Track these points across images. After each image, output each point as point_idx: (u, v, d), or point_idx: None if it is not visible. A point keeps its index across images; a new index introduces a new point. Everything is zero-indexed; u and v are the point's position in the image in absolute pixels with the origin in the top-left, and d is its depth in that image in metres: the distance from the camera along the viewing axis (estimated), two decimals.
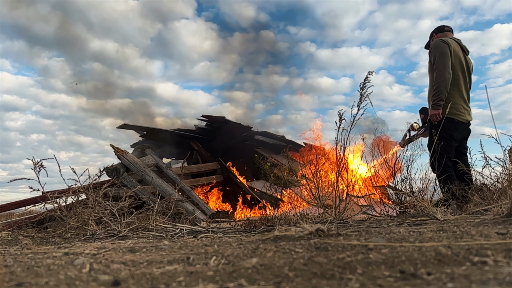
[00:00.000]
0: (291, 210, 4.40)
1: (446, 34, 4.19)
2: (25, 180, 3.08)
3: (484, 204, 2.84)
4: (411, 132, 5.30)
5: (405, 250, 1.30)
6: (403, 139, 5.16)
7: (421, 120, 5.49)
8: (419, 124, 5.26)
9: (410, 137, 5.21)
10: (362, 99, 3.29)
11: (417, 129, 5.21)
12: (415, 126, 5.21)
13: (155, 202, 3.48)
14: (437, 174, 3.81)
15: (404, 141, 5.09)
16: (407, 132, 5.29)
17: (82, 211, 3.04)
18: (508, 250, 1.20)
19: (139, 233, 2.69)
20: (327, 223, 2.68)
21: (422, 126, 5.13)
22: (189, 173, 6.21)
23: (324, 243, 1.53)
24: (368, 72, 3.31)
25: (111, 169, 4.87)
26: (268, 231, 2.38)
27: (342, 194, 3.50)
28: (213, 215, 4.66)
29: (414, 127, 5.21)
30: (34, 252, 1.81)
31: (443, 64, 3.90)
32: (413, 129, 5.23)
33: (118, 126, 7.09)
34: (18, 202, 4.96)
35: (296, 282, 1.00)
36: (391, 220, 2.82)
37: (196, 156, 7.12)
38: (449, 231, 1.76)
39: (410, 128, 5.25)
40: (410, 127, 5.25)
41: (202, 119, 7.46)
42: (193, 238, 2.34)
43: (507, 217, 2.03)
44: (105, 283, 1.05)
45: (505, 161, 2.99)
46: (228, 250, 1.56)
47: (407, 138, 5.19)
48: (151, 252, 1.66)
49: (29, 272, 1.21)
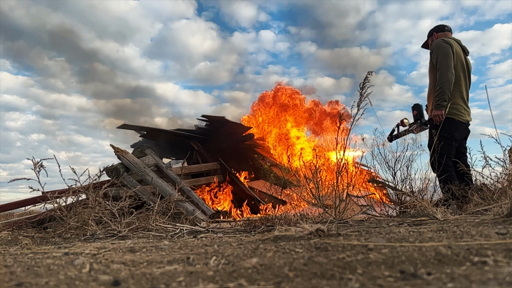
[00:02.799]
0: (291, 210, 4.40)
1: (446, 34, 4.19)
2: (25, 180, 3.08)
3: (484, 204, 2.84)
4: (400, 127, 5.25)
5: (405, 250, 1.30)
6: (390, 134, 5.11)
7: (414, 116, 5.44)
8: (409, 120, 5.22)
9: (398, 133, 5.16)
10: (362, 99, 3.29)
11: (407, 125, 5.16)
12: (405, 122, 5.16)
13: (155, 202, 3.48)
14: (437, 174, 3.81)
15: (391, 136, 5.04)
16: (396, 127, 5.24)
17: (82, 211, 3.04)
18: (508, 250, 1.20)
19: (139, 233, 2.69)
20: (327, 223, 2.68)
21: (414, 122, 5.09)
22: (189, 173, 6.21)
23: (324, 243, 1.53)
24: (367, 72, 3.31)
25: (111, 169, 4.87)
26: (268, 231, 2.38)
27: (342, 194, 3.50)
28: (213, 215, 4.66)
29: (404, 122, 5.16)
30: (34, 252, 1.81)
31: (446, 64, 3.90)
32: (403, 124, 5.18)
33: (118, 126, 7.09)
34: (18, 202, 4.96)
35: (296, 282, 1.00)
36: (391, 220, 2.82)
37: (196, 156, 7.12)
38: (449, 231, 1.76)
39: (399, 123, 5.21)
40: (400, 122, 5.20)
41: (202, 119, 7.46)
42: (193, 238, 2.34)
43: (507, 217, 2.03)
44: (105, 283, 1.05)
45: (505, 161, 2.99)
46: (228, 250, 1.56)
47: (395, 134, 5.14)
48: (151, 252, 1.66)
49: (29, 272, 1.21)
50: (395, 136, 5.04)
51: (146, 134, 7.38)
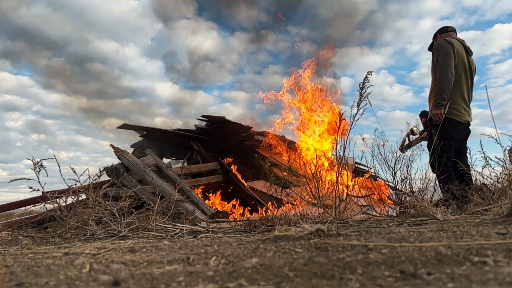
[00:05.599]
0: (291, 210, 4.40)
1: (450, 35, 4.19)
2: (25, 180, 3.08)
3: (484, 204, 2.84)
4: (411, 136, 5.24)
5: (405, 250, 1.30)
6: (402, 144, 5.09)
7: (423, 124, 5.43)
8: (418, 128, 5.20)
9: (410, 142, 5.15)
10: (362, 99, 3.29)
11: (418, 133, 5.15)
12: (415, 130, 5.14)
13: (155, 202, 3.48)
14: (437, 174, 3.81)
15: (404, 146, 5.02)
16: (406, 137, 5.22)
17: (82, 211, 3.04)
18: (508, 250, 1.20)
19: (139, 233, 2.69)
20: (327, 223, 2.68)
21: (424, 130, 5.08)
22: (189, 173, 6.20)
23: (324, 243, 1.53)
24: (367, 72, 3.31)
25: (111, 169, 4.87)
26: (268, 231, 2.38)
27: (342, 194, 3.50)
28: (213, 215, 4.66)
29: (414, 131, 5.14)
30: (34, 252, 1.81)
31: (446, 64, 3.90)
32: (412, 133, 5.17)
33: (118, 126, 7.08)
34: (18, 202, 4.96)
35: (296, 282, 0.99)
36: (391, 220, 2.82)
37: (196, 156, 7.12)
38: (449, 231, 1.76)
39: (409, 132, 5.18)
40: (409, 131, 5.18)
41: (202, 119, 7.45)
42: (193, 238, 2.34)
43: (507, 217, 2.03)
44: (105, 283, 1.05)
45: (505, 161, 2.99)
46: (228, 250, 1.56)
47: (406, 144, 5.12)
48: (151, 252, 1.66)
49: (29, 272, 1.21)
50: (407, 146, 5.02)
51: (146, 134, 7.37)
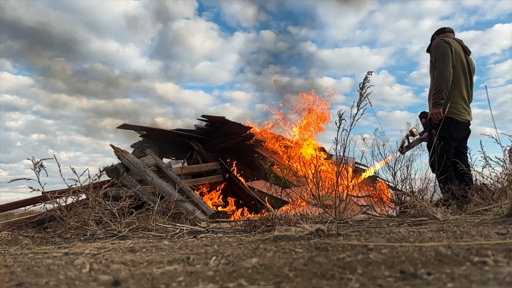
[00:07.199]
0: (291, 210, 4.40)
1: (447, 35, 4.20)
2: (25, 180, 3.08)
3: (484, 204, 2.84)
4: (410, 138, 5.21)
5: (405, 250, 1.30)
6: (401, 146, 5.06)
7: (423, 125, 5.42)
8: (418, 129, 5.18)
9: (409, 143, 5.12)
10: (362, 99, 3.29)
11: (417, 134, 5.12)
12: (414, 131, 5.10)
13: (155, 202, 3.48)
14: (437, 174, 3.81)
15: (403, 148, 5.00)
16: (406, 139, 5.19)
17: (82, 211, 3.04)
18: (508, 250, 1.20)
19: (139, 233, 2.69)
20: (327, 223, 2.67)
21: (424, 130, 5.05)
22: (189, 173, 6.21)
23: (324, 243, 1.53)
24: (367, 72, 3.31)
25: (111, 169, 4.87)
26: (268, 231, 2.38)
27: (342, 194, 3.50)
28: (213, 215, 4.67)
29: (413, 132, 5.11)
30: (34, 252, 1.81)
31: (444, 63, 3.90)
32: (412, 134, 5.14)
33: (118, 126, 7.08)
34: (18, 202, 4.96)
35: (296, 282, 1.00)
36: (391, 220, 2.82)
37: (196, 156, 7.11)
38: (449, 231, 1.76)
39: (409, 133, 5.16)
40: (409, 132, 5.15)
41: (202, 119, 7.45)
42: (193, 238, 2.34)
43: (507, 217, 2.03)
44: (105, 283, 1.05)
45: (505, 161, 2.99)
46: (228, 250, 1.56)
47: (406, 145, 5.09)
48: (151, 252, 1.66)
49: (29, 272, 1.21)
50: (406, 147, 4.99)
51: (146, 134, 7.37)
